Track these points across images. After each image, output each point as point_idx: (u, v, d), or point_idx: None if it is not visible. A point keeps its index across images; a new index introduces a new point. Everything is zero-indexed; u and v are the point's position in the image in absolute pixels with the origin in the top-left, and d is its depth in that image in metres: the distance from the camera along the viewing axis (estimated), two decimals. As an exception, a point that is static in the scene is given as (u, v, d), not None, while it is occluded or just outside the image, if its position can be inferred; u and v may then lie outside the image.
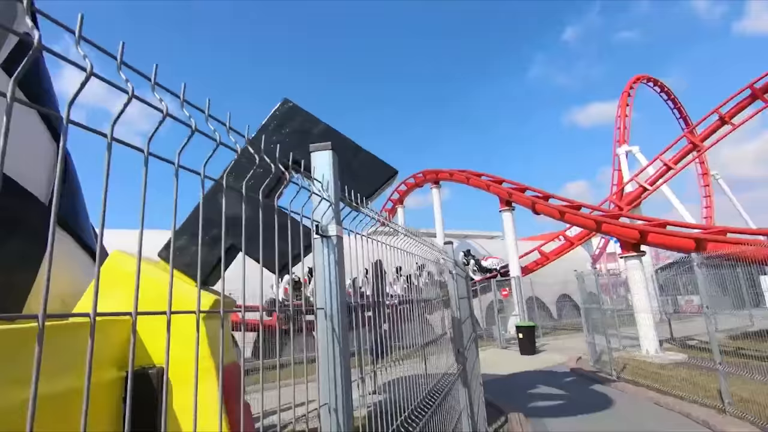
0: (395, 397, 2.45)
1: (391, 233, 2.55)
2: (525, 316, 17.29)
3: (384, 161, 3.05)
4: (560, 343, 16.98)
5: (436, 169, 25.80)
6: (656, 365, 10.23)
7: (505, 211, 19.40)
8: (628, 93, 30.80)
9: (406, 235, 2.34)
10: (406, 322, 3.17)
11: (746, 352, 10.88)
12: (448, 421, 3.16)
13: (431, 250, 3.20)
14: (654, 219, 14.16)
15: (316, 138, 3.07)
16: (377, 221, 1.97)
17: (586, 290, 11.93)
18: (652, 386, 8.36)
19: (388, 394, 2.66)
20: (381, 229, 2.82)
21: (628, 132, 29.28)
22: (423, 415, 2.32)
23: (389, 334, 3.17)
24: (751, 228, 20.43)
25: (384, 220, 2.03)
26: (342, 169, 2.87)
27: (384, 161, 3.05)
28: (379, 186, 2.89)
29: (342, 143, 3.11)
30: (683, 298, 23.29)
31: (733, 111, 20.70)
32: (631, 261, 13.10)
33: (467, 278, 6.39)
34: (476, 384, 5.73)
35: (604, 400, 7.86)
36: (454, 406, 3.71)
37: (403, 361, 3.09)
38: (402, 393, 2.59)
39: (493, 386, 9.34)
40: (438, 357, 3.77)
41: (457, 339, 3.79)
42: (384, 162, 3.01)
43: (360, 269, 1.73)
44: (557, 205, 16.85)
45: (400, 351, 3.02)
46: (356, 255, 1.69)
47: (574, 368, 11.24)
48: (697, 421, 6.26)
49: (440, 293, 4.24)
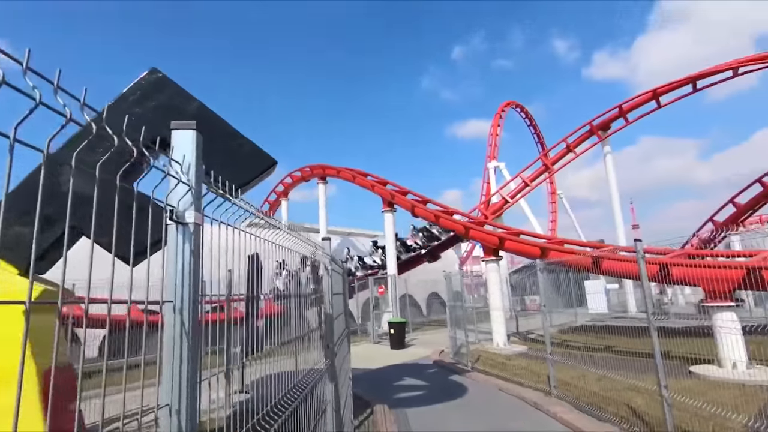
0: (263, 395, 2.37)
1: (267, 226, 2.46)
2: (398, 312, 18.21)
3: (263, 150, 2.93)
4: (427, 338, 18.29)
5: (324, 165, 25.72)
6: (503, 356, 11.66)
7: (387, 211, 20.20)
8: (500, 115, 34.61)
9: (280, 229, 2.28)
10: (281, 317, 3.09)
11: (571, 344, 13.05)
12: (311, 416, 3.16)
13: (307, 245, 3.17)
14: (512, 228, 16.12)
15: (188, 117, 2.81)
16: (249, 212, 1.88)
17: (452, 289, 13.05)
18: (498, 375, 9.51)
19: (256, 392, 2.56)
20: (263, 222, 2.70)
21: (497, 149, 32.87)
22: (282, 412, 2.28)
23: (266, 329, 3.06)
24: (582, 241, 24.56)
25: (256, 211, 1.95)
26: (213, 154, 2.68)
27: (263, 150, 2.93)
28: (255, 175, 2.77)
29: (219, 127, 2.90)
30: (529, 298, 26.95)
31: (576, 142, 24.66)
32: (490, 264, 14.73)
33: (345, 274, 6.48)
34: (345, 378, 5.85)
35: (458, 389, 8.68)
36: (320, 400, 3.74)
37: (275, 358, 3.01)
38: (271, 390, 2.52)
39: (363, 380, 9.65)
40: (308, 353, 3.75)
41: (328, 335, 3.82)
42: (263, 151, 2.89)
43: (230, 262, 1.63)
44: (434, 209, 18.13)
45: (274, 347, 2.93)
46: (225, 246, 1.59)
47: (436, 360, 12.21)
48: (529, 402, 7.30)
49: (317, 289, 4.23)
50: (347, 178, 23.52)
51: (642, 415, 5.83)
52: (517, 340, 15.16)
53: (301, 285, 3.84)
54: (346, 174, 23.54)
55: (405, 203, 19.17)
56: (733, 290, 8.51)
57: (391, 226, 20.29)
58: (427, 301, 29.15)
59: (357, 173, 22.84)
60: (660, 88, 22.51)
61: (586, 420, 6.07)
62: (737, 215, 22.47)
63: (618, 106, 23.67)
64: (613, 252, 11.98)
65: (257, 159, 2.81)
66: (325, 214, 26.39)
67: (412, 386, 9.32)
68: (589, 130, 24.52)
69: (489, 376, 9.57)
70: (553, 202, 40.58)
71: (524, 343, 14.30)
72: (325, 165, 25.61)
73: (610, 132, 24.78)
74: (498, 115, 34.55)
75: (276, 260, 2.39)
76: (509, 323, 17.39)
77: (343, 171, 23.75)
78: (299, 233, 2.88)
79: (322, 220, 26.39)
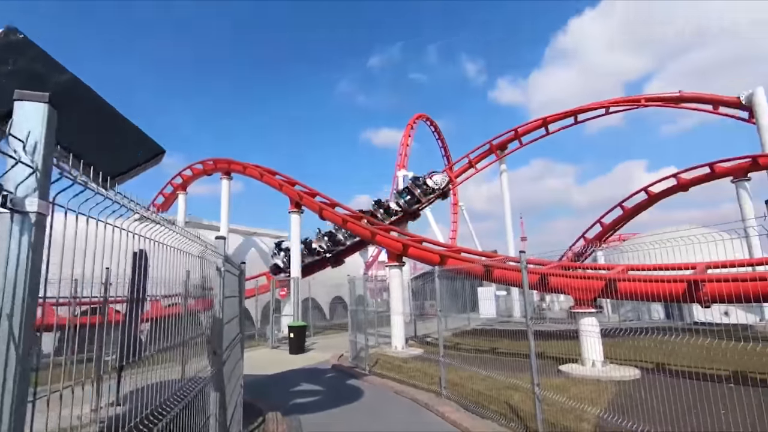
0: (136, 408, 2.12)
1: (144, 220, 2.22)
2: (299, 316, 17.81)
3: (150, 137, 2.63)
4: (329, 342, 18.16)
5: (229, 159, 24.28)
6: (400, 359, 12.02)
7: (294, 213, 19.70)
8: (411, 126, 36.01)
9: (159, 224, 2.06)
10: (169, 320, 2.81)
11: (462, 346, 13.91)
12: (189, 429, 2.90)
13: (195, 244, 2.92)
14: (416, 236, 16.77)
15: (57, 90, 2.42)
16: (119, 203, 1.66)
17: (355, 293, 13.13)
18: (395, 377, 9.76)
19: (131, 405, 2.29)
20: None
21: (407, 159, 34.15)
22: (152, 427, 2.05)
23: (149, 334, 2.75)
24: (478, 250, 26.44)
25: (129, 203, 1.73)
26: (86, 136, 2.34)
27: (150, 137, 2.63)
28: (137, 164, 2.47)
29: (95, 106, 2.54)
30: (428, 303, 28.22)
31: (477, 158, 26.62)
32: (393, 270, 15.14)
33: (241, 276, 6.14)
34: (235, 386, 5.53)
35: (354, 393, 8.73)
36: (203, 412, 3.46)
37: (155, 366, 2.73)
38: (146, 402, 2.27)
39: (257, 387, 9.23)
40: (192, 360, 3.46)
41: (216, 340, 3.56)
42: (149, 138, 2.59)
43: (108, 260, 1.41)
44: (342, 213, 18.14)
45: (155, 353, 2.66)
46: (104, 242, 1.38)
47: (335, 365, 12.16)
48: (421, 403, 7.59)
49: (211, 292, 3.93)
50: (254, 176, 22.48)
51: (518, 411, 6.40)
52: (415, 343, 15.74)
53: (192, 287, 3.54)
54: (253, 171, 22.49)
55: (313, 205, 18.90)
56: (594, 298, 9.79)
57: (298, 227, 19.83)
58: (331, 305, 29.01)
59: (265, 171, 21.97)
60: (549, 117, 25.36)
61: (471, 418, 6.49)
62: (602, 233, 26.05)
63: (514, 129, 26.13)
64: (502, 262, 13.06)
65: (141, 147, 2.51)
66: (227, 211, 24.78)
67: (308, 392, 9.14)
68: (489, 149, 26.69)
69: (386, 379, 9.77)
70: (455, 213, 43.23)
71: (421, 346, 14.89)
72: (231, 160, 24.19)
73: (506, 152, 27.18)
74: (409, 126, 35.94)
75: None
76: (409, 327, 18.01)
77: (250, 168, 22.66)
78: (186, 230, 2.64)
79: (223, 218, 24.76)
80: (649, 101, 23.77)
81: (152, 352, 2.67)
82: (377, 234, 15.71)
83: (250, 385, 8.70)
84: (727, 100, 21.17)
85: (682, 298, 8.41)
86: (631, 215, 25.12)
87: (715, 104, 21.82)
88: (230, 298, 4.59)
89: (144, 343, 2.90)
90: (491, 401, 7.02)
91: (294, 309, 18.18)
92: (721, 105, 21.56)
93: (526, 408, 6.31)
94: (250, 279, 20.06)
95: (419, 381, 9.15)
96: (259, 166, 22.51)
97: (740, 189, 19.24)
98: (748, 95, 19.92)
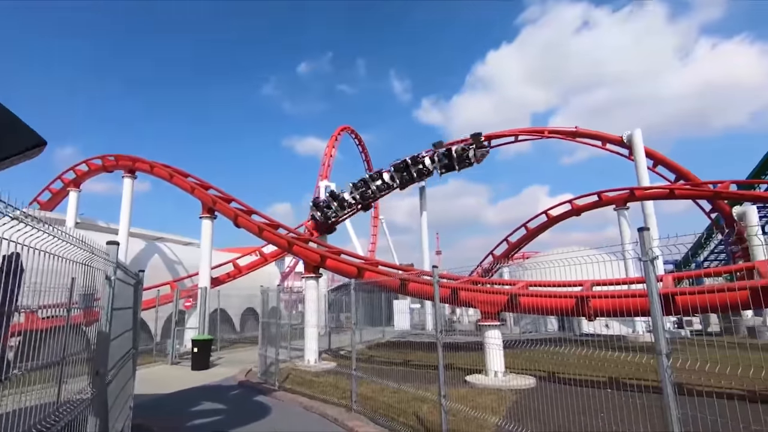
0: None
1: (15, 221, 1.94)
2: (204, 329, 16.64)
3: (28, 126, 2.30)
4: (237, 356, 17.19)
5: (134, 156, 22.14)
6: (312, 373, 11.74)
7: (206, 218, 18.52)
8: (335, 137, 36.05)
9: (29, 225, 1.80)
10: (44, 335, 2.44)
11: (376, 359, 14.00)
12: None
13: (78, 250, 2.59)
14: (334, 247, 16.65)
15: None
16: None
17: (269, 305, 12.62)
18: (305, 392, 9.48)
19: None
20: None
21: (330, 169, 34.03)
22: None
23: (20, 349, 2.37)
24: (395, 263, 27.00)
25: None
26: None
27: (28, 126, 2.30)
28: (7, 155, 2.14)
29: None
30: (344, 315, 28.06)
31: (399, 173, 27.17)
32: (310, 281, 14.86)
33: (138, 285, 5.59)
34: (123, 407, 4.97)
35: (261, 410, 8.31)
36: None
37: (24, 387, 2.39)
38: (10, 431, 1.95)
39: (152, 407, 8.40)
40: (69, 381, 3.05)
41: (98, 358, 3.18)
42: (27, 127, 2.26)
43: None
44: (258, 221, 17.43)
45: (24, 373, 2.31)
46: None
47: (242, 381, 11.51)
48: (330, 419, 7.45)
49: (98, 303, 3.50)
50: (163, 176, 20.76)
51: (425, 422, 6.56)
52: (328, 356, 15.52)
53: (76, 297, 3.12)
54: (161, 171, 20.76)
55: (228, 211, 17.93)
56: (499, 312, 10.47)
57: (209, 233, 18.63)
58: (242, 317, 27.56)
59: (175, 171, 20.42)
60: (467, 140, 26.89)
61: (379, 432, 6.51)
62: (508, 251, 28.13)
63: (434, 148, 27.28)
64: (417, 276, 13.47)
65: (15, 135, 2.18)
66: (128, 213, 22.20)
67: (209, 411, 8.51)
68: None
69: (296, 394, 9.45)
70: (375, 226, 43.88)
71: (335, 359, 14.71)
72: (136, 157, 22.06)
73: (426, 169, 28.16)
74: (334, 137, 35.95)
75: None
76: (323, 340, 17.70)
77: (159, 167, 20.90)
78: (67, 234, 2.33)
79: (123, 221, 22.13)
80: (551, 133, 26.40)
81: (21, 371, 2.33)
82: (295, 244, 15.33)
83: (143, 405, 7.89)
84: (612, 138, 24.27)
85: (573, 312, 9.32)
86: (534, 235, 27.51)
87: (603, 141, 24.88)
88: (121, 310, 4.14)
89: (10, 362, 2.51)
90: (401, 414, 7.12)
91: (200, 321, 16.94)
92: (608, 142, 24.65)
93: (433, 419, 6.49)
94: (151, 288, 18.32)
95: (330, 395, 8.99)
96: (169, 166, 20.89)
97: (621, 216, 22.00)
98: (628, 135, 23.02)
